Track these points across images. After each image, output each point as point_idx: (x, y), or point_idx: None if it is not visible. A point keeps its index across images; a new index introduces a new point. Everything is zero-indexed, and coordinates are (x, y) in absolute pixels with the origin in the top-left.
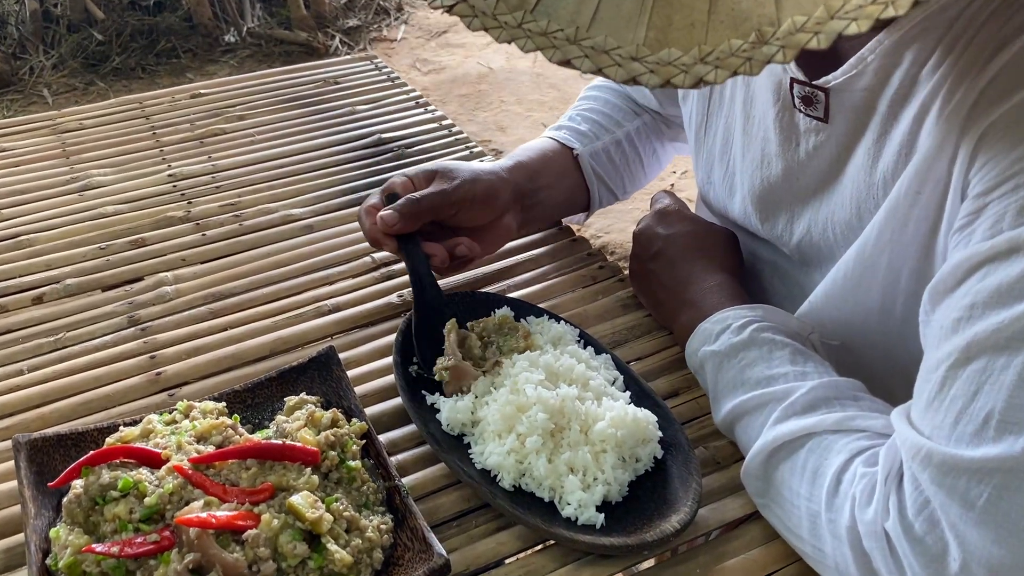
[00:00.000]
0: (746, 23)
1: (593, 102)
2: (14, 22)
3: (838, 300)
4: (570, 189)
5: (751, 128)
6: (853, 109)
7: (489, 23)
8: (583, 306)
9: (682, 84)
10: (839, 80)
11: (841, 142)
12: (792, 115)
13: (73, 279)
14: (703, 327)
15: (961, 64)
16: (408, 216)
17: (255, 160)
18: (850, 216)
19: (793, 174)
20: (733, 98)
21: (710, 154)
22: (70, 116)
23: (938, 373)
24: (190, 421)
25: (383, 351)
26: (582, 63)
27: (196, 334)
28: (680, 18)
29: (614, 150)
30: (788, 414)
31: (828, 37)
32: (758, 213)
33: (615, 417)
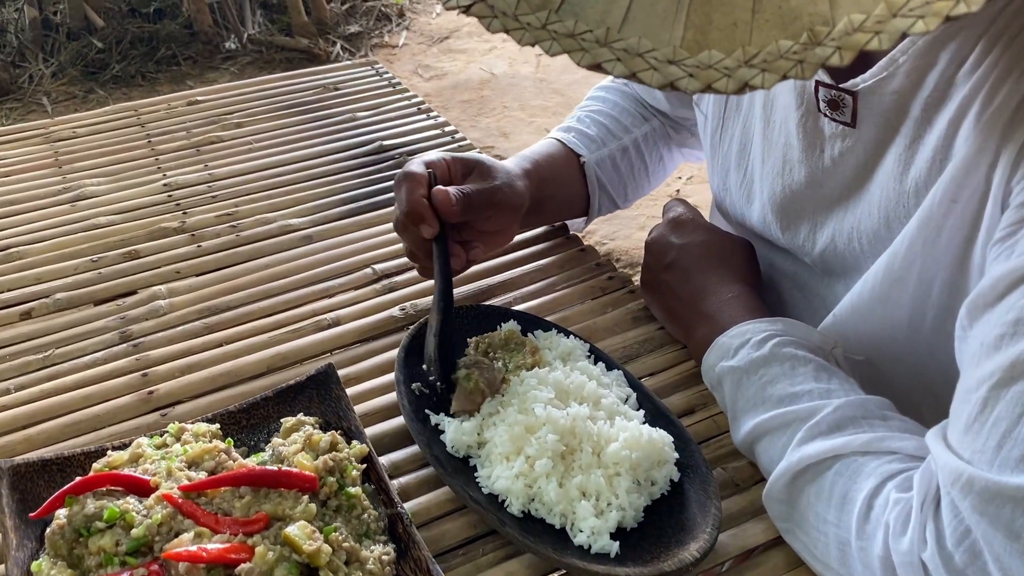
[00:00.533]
0: (796, 22)
1: (602, 104)
2: (13, 30)
3: (864, 313)
4: (571, 198)
5: (771, 133)
6: (883, 113)
7: (510, 24)
8: (592, 319)
9: (725, 89)
10: (868, 83)
11: (869, 148)
12: (816, 120)
13: (63, 293)
14: (721, 341)
15: (1003, 64)
16: (465, 206)
17: (252, 169)
18: (878, 225)
19: (817, 181)
20: (752, 101)
21: (726, 159)
22: (63, 124)
23: (979, 393)
24: (182, 445)
25: (385, 367)
26: (614, 67)
27: (190, 350)
28: (721, 17)
29: (620, 157)
30: (813, 434)
31: (891, 37)
32: (779, 221)
33: (629, 438)
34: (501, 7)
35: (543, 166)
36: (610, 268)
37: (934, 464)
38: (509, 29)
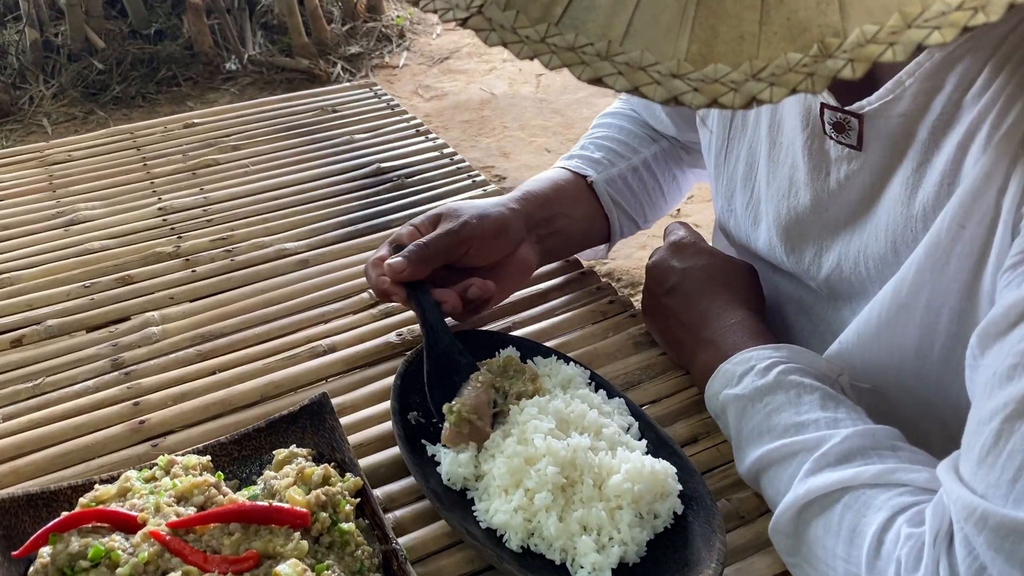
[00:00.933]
0: (805, 34)
1: (607, 129)
2: (14, 52)
3: (871, 340)
4: (588, 218)
5: (777, 155)
6: (889, 136)
7: (508, 37)
8: (593, 344)
9: (731, 104)
10: (874, 106)
11: (875, 171)
12: (822, 142)
13: (55, 320)
14: (724, 368)
15: (1011, 87)
16: (417, 261)
17: (249, 192)
18: (885, 250)
19: (822, 204)
20: (758, 123)
21: (731, 180)
22: (58, 148)
23: (992, 425)
24: (171, 478)
25: (381, 395)
26: (615, 81)
27: (183, 378)
28: (727, 30)
29: (631, 176)
30: (821, 465)
31: (905, 48)
32: (784, 244)
33: (631, 470)
34: (499, 20)
35: (544, 188)
36: (611, 292)
37: (946, 498)
38: (507, 42)
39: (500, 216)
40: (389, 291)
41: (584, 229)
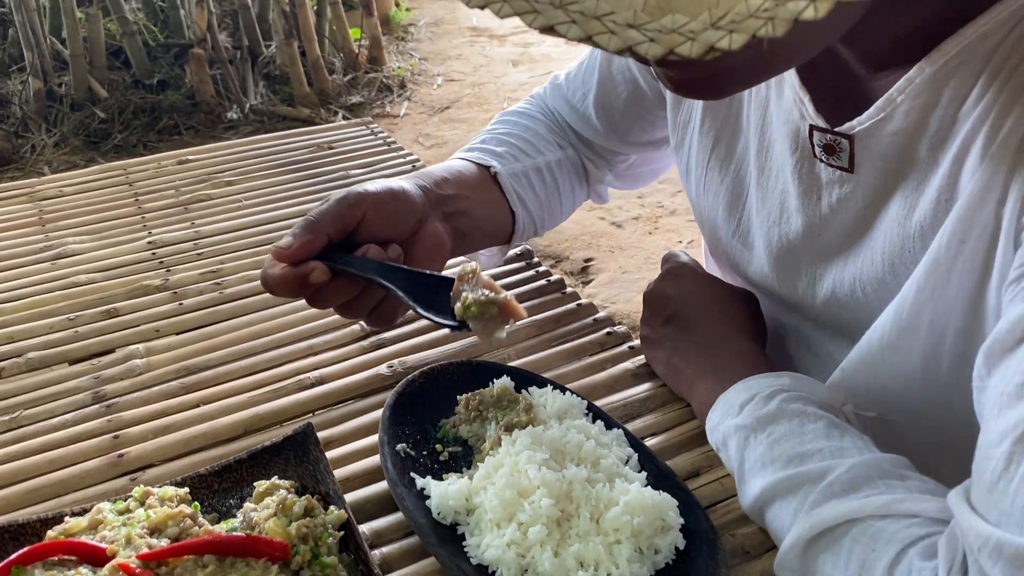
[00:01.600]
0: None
1: (510, 127)
2: (18, 101)
3: (874, 365)
4: (492, 204)
5: (766, 181)
6: (882, 157)
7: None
8: (590, 376)
9: (688, 53)
10: (865, 125)
11: (869, 193)
12: (813, 166)
13: (36, 352)
14: (725, 398)
15: (1004, 97)
16: (304, 233)
17: (241, 226)
18: (883, 273)
19: (815, 229)
20: (746, 149)
21: (713, 208)
22: (50, 183)
23: (1002, 448)
24: (145, 510)
25: (369, 428)
26: (568, 29)
27: (165, 411)
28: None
29: (534, 176)
30: (826, 496)
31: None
32: (776, 272)
33: (630, 502)
34: None
35: (440, 171)
36: (609, 323)
37: (959, 528)
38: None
39: (388, 185)
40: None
41: (490, 213)
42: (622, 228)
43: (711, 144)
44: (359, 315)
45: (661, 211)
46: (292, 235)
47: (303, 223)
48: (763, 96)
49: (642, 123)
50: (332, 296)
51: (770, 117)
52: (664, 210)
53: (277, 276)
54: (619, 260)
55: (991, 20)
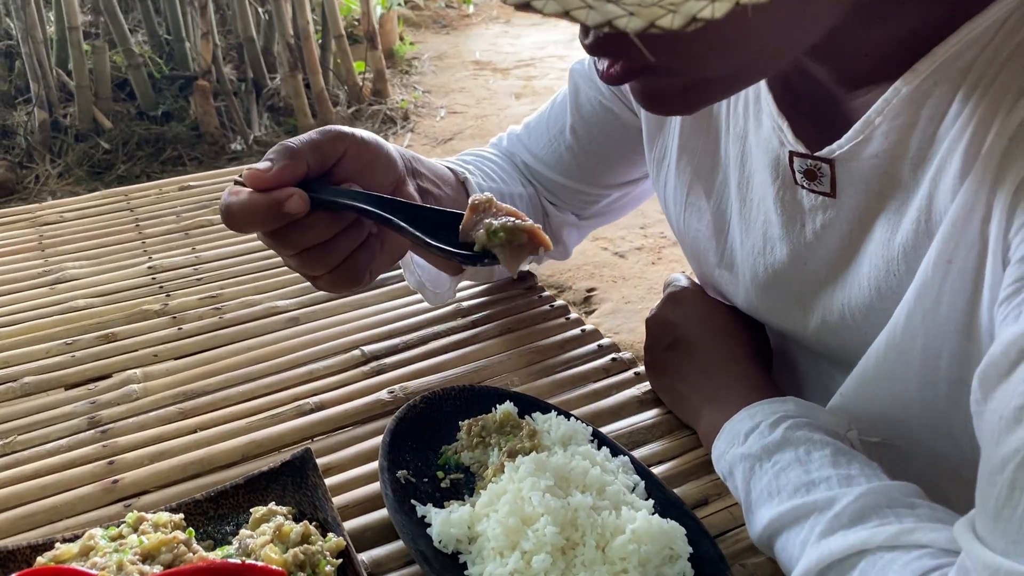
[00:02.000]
0: None
1: (477, 157)
2: (23, 132)
3: (872, 391)
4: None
5: (749, 212)
6: (863, 180)
7: None
8: (595, 402)
9: (671, 25)
10: (844, 148)
11: (852, 217)
12: (794, 193)
13: (32, 377)
14: (729, 426)
15: (980, 114)
16: (283, 156)
17: (242, 252)
18: (870, 299)
19: (800, 258)
20: (726, 182)
21: (695, 243)
22: (51, 209)
23: (1004, 475)
24: (139, 535)
25: (369, 455)
26: (545, 5)
27: (161, 437)
28: None
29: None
30: (834, 527)
31: None
32: (764, 304)
33: (637, 530)
34: None
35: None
36: (614, 349)
37: (967, 560)
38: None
39: (378, 144)
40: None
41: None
42: (625, 258)
43: (688, 180)
44: (328, 264)
45: (664, 241)
46: (268, 159)
47: (280, 147)
48: (741, 127)
49: (624, 163)
50: (308, 233)
51: (749, 148)
52: (667, 240)
53: (245, 202)
54: (622, 290)
55: (963, 38)
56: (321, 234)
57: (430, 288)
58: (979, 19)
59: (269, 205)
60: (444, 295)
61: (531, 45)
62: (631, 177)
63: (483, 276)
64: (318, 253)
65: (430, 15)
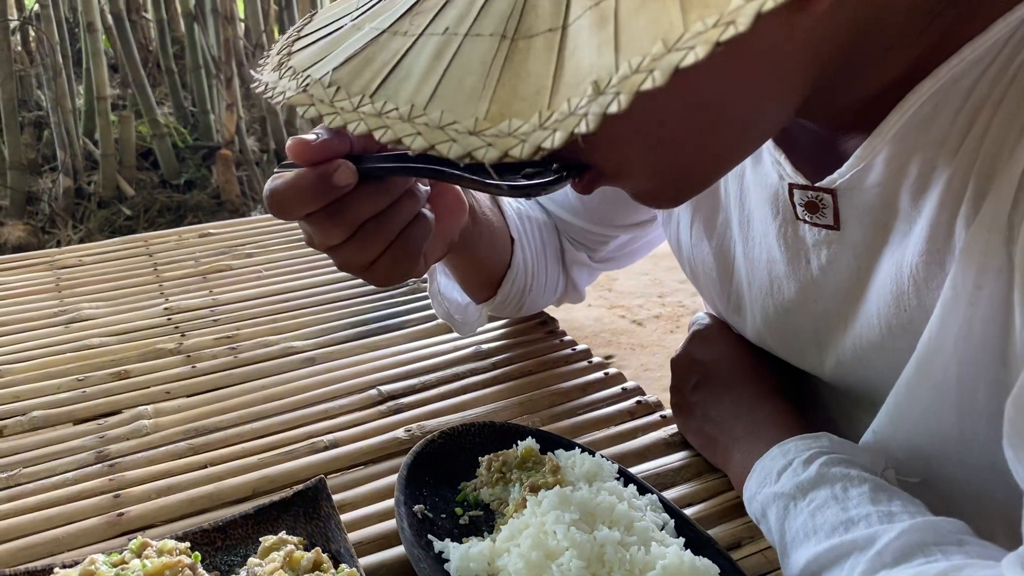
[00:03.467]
0: (586, 79)
1: None
2: (47, 199)
3: (906, 428)
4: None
5: (751, 252)
6: (867, 211)
7: (324, 109)
8: (620, 444)
9: (520, 155)
10: (846, 177)
11: (859, 250)
12: (796, 228)
13: (41, 411)
14: (761, 465)
15: (994, 131)
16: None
17: (259, 295)
18: (881, 338)
19: (809, 296)
20: (727, 222)
21: (706, 286)
22: (69, 253)
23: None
24: (142, 560)
25: (384, 493)
26: (413, 140)
27: (170, 471)
28: (525, 87)
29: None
30: (876, 567)
31: (664, 72)
32: (778, 345)
33: (668, 566)
34: (319, 96)
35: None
36: (639, 392)
37: None
38: (324, 114)
39: None
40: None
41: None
42: (643, 326)
43: (690, 221)
44: (385, 238)
45: (682, 310)
46: (315, 133)
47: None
48: (738, 166)
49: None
50: (361, 206)
51: (747, 185)
52: (685, 309)
53: (291, 180)
54: (640, 358)
55: (962, 61)
56: (375, 204)
57: (458, 318)
58: (980, 40)
59: (317, 179)
60: (473, 324)
61: None
62: (639, 219)
63: (511, 310)
64: (373, 227)
65: None
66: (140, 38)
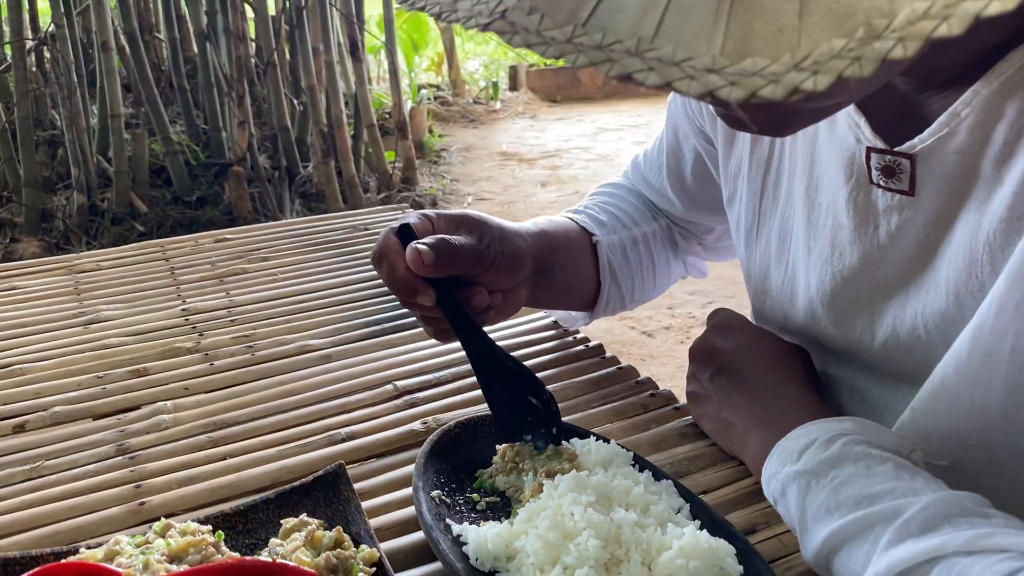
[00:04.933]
0: (849, 20)
1: (609, 197)
2: (61, 216)
3: (949, 402)
4: (583, 278)
5: (817, 218)
6: (945, 178)
7: (532, 39)
8: (635, 435)
9: (772, 95)
10: (927, 143)
11: (931, 218)
12: (868, 192)
13: (62, 407)
14: (782, 445)
15: None
16: (444, 256)
17: (275, 296)
18: (947, 305)
19: (872, 262)
20: (791, 190)
21: (764, 257)
22: (88, 258)
23: None
24: (166, 539)
25: (402, 482)
26: (647, 76)
27: (190, 463)
28: (763, 24)
29: (630, 248)
30: (902, 536)
31: (962, 20)
32: (829, 316)
33: (685, 546)
34: (523, 24)
35: (557, 233)
36: (652, 385)
37: None
38: (531, 44)
39: (520, 249)
40: (418, 289)
41: (577, 289)
42: (653, 337)
43: (759, 189)
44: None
45: (692, 321)
46: (432, 248)
47: (445, 245)
48: (811, 130)
49: (713, 187)
50: (427, 315)
51: (819, 150)
52: (695, 320)
53: (389, 273)
54: (650, 368)
55: None
56: (438, 322)
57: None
58: None
59: (408, 289)
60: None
61: (556, 137)
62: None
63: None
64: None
65: (458, 110)
66: (153, 57)
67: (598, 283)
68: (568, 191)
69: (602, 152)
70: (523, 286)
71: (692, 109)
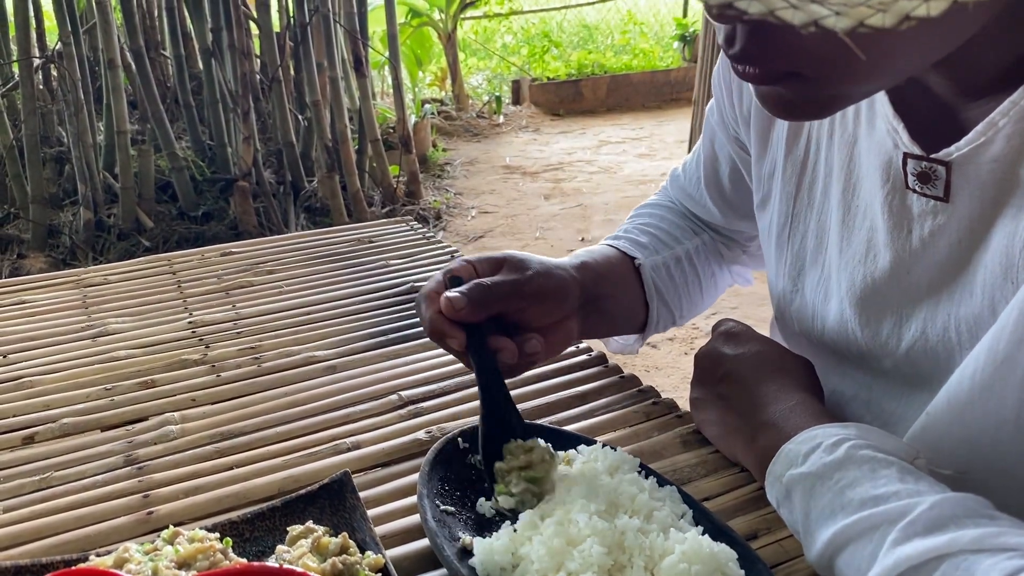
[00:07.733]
0: None
1: (649, 217)
2: (68, 231)
3: (962, 409)
4: (630, 303)
5: (852, 220)
6: (980, 185)
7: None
8: (638, 442)
9: (882, 24)
10: (964, 151)
11: (964, 225)
12: (904, 197)
13: (70, 419)
14: (787, 448)
15: None
16: (477, 302)
17: (281, 308)
18: (981, 308)
19: (903, 266)
20: (827, 193)
21: (798, 259)
22: (96, 272)
23: None
24: (174, 546)
25: (407, 490)
26: (749, 5)
27: (197, 473)
28: None
29: (674, 266)
30: (909, 535)
31: None
32: (858, 317)
33: (687, 551)
34: None
35: (598, 263)
36: (654, 394)
37: None
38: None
39: (563, 280)
40: (445, 331)
41: (625, 315)
42: (657, 348)
43: (794, 190)
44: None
45: (696, 332)
46: (465, 295)
47: (478, 290)
48: (850, 133)
49: (749, 193)
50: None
51: (858, 153)
52: (699, 332)
53: (426, 314)
54: (655, 379)
55: None
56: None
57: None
58: None
59: (439, 332)
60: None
61: (559, 151)
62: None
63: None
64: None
65: (462, 124)
66: (159, 74)
67: (646, 305)
68: (571, 204)
69: (605, 165)
70: (572, 319)
71: (727, 115)
